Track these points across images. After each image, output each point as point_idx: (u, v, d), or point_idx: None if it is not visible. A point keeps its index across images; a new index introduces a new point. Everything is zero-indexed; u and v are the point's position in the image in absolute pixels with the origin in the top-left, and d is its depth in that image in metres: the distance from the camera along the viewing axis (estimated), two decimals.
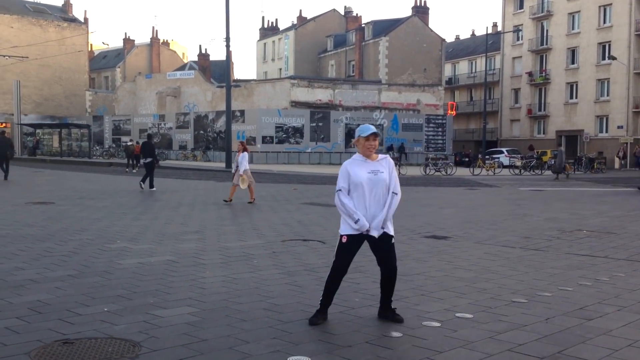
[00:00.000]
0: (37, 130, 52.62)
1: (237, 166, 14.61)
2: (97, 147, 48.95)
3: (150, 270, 6.50)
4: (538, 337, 4.34)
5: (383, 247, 4.76)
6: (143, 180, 18.22)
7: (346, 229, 4.73)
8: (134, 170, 29.88)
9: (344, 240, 4.72)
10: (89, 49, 71.04)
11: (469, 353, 4.00)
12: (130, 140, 37.00)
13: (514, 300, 5.41)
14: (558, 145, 49.71)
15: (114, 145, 49.40)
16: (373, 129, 4.84)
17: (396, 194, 4.75)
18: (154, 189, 17.97)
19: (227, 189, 17.73)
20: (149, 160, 18.45)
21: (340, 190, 4.74)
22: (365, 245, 4.77)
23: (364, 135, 4.77)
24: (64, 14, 65.92)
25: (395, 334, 4.39)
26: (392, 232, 4.80)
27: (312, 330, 4.46)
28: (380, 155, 4.92)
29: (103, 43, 76.05)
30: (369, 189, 4.71)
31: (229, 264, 6.96)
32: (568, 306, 5.24)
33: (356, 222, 4.64)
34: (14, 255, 7.23)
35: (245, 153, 14.60)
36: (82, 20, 66.73)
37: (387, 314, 4.83)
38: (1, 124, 54.64)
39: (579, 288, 5.95)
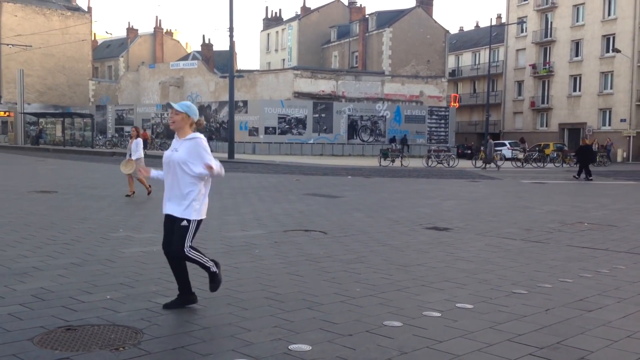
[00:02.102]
0: (40, 120, 52.62)
1: (130, 154, 12.98)
2: (100, 137, 48.97)
3: (153, 258, 6.53)
4: (538, 328, 4.36)
5: (171, 228, 4.65)
6: None
7: None
8: None
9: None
10: (93, 38, 70.95)
11: (469, 343, 4.02)
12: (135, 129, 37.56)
13: (514, 292, 5.43)
14: (560, 138, 49.71)
15: (116, 135, 49.43)
16: (175, 104, 4.51)
17: (210, 168, 4.38)
18: None
19: (229, 179, 17.76)
20: None
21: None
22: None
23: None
24: (67, 3, 65.76)
25: (396, 323, 4.41)
26: (178, 215, 4.54)
27: (313, 320, 4.48)
28: (192, 134, 4.52)
29: (106, 32, 76.14)
30: (167, 169, 4.59)
31: (231, 253, 6.98)
32: (568, 298, 5.26)
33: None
34: (17, 243, 7.27)
35: (140, 140, 13.11)
36: (86, 9, 66.60)
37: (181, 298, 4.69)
38: (4, 113, 54.79)
39: (579, 280, 5.97)
